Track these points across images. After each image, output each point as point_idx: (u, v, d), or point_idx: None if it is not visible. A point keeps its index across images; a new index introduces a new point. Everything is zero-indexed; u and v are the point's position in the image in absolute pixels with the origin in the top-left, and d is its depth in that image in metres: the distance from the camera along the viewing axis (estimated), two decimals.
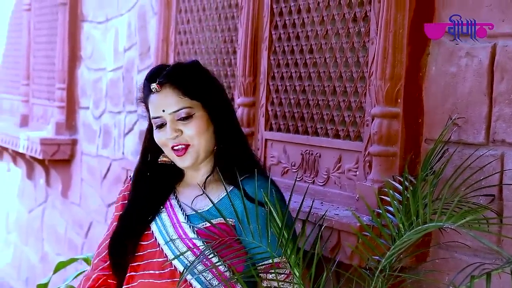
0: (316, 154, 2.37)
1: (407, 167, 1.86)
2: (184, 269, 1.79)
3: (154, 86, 1.87)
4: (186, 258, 1.82)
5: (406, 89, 1.99)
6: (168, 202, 1.95)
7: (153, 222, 1.93)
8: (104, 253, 2.01)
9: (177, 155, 1.89)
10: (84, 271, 3.37)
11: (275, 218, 1.72)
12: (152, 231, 1.93)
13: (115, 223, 2.02)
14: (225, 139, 1.91)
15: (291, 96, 2.51)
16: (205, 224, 1.84)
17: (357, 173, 2.16)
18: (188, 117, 1.87)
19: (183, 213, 1.90)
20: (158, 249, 1.90)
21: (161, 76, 1.88)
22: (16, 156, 5.75)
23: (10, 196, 6.36)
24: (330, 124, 2.32)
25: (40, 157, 4.96)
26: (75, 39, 4.94)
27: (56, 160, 4.98)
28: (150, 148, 1.98)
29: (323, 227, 1.76)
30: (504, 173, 1.75)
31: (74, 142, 4.97)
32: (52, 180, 5.34)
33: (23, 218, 6.03)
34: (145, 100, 1.94)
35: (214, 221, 1.82)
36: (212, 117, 1.90)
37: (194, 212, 1.88)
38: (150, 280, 1.88)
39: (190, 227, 1.85)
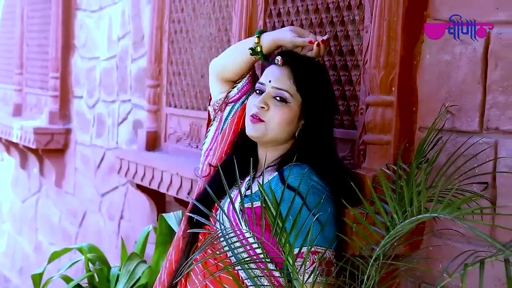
0: None
1: (401, 156, 1.86)
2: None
3: (278, 58, 1.94)
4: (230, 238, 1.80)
5: (400, 77, 1.99)
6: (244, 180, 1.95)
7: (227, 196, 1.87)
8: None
9: (251, 121, 1.93)
10: (78, 261, 3.37)
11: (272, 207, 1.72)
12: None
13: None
14: (302, 145, 1.92)
15: None
16: (250, 206, 1.78)
17: (351, 161, 2.16)
18: (282, 101, 1.91)
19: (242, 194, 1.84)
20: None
21: (292, 56, 1.96)
22: (10, 145, 5.74)
23: (4, 185, 6.35)
24: None
25: (34, 147, 4.95)
26: (69, 28, 4.92)
27: (50, 149, 4.97)
28: None
29: (319, 215, 1.76)
30: (498, 160, 1.75)
31: (67, 132, 4.96)
32: (46, 169, 5.33)
33: (17, 208, 6.03)
34: (266, 67, 2.00)
35: (255, 204, 1.77)
36: (300, 119, 1.93)
37: (249, 193, 1.82)
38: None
39: (238, 206, 1.81)
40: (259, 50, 2.03)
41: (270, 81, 1.93)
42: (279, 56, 1.94)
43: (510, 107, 1.74)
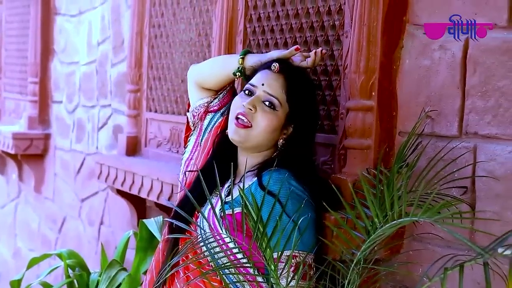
0: None
1: (381, 160, 1.86)
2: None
3: (275, 65, 1.94)
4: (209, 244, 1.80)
5: (380, 82, 2.00)
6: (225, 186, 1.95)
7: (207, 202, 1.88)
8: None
9: (235, 124, 1.91)
10: (57, 267, 3.35)
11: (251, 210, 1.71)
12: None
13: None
14: (285, 154, 1.93)
15: None
16: (231, 212, 1.78)
17: (332, 166, 2.17)
18: (271, 107, 1.91)
19: (223, 200, 1.84)
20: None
21: (287, 66, 1.96)
22: None
23: None
24: None
25: (13, 152, 4.91)
26: (48, 33, 4.89)
27: (29, 155, 4.93)
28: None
29: (300, 221, 1.76)
30: (477, 165, 1.77)
31: (47, 137, 4.92)
32: (25, 175, 5.28)
33: None
34: (258, 70, 1.99)
35: (235, 210, 1.77)
36: (283, 129, 1.93)
37: (229, 200, 1.82)
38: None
39: (218, 213, 1.81)
40: (242, 71, 2.05)
41: (263, 84, 1.93)
42: (277, 63, 1.94)
43: (489, 111, 1.75)
